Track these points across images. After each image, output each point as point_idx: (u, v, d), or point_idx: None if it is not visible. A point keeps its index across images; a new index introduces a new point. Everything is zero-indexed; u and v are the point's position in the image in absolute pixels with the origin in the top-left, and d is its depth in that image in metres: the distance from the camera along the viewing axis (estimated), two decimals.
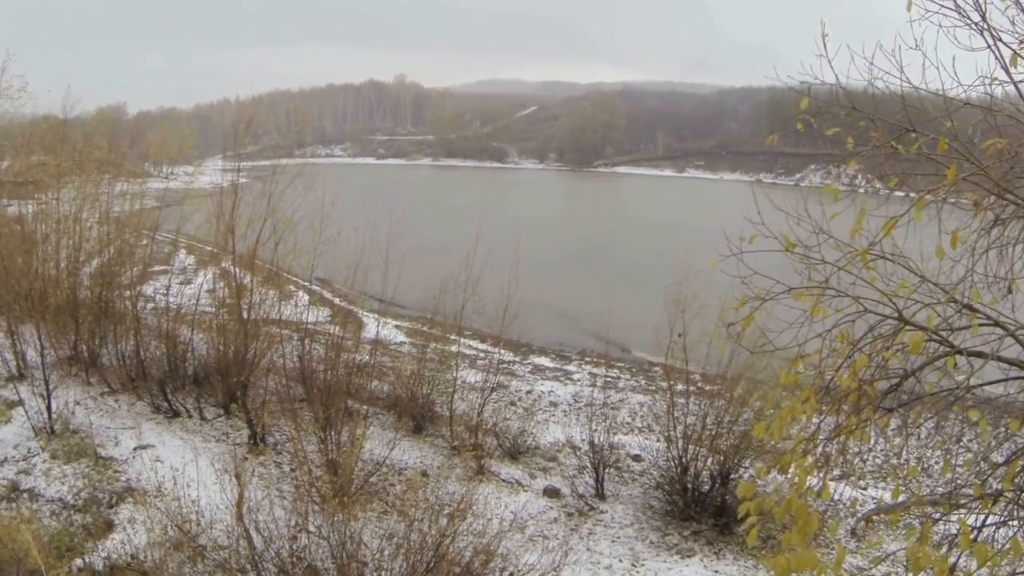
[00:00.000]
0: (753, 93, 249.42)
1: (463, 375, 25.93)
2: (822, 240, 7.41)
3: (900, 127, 7.06)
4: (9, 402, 22.05)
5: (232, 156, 28.35)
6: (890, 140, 7.08)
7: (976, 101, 7.40)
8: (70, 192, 28.89)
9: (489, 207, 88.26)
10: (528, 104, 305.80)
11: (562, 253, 71.94)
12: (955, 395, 7.04)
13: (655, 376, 33.33)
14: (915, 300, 7.09)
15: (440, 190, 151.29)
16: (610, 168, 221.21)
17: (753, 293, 7.37)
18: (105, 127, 37.65)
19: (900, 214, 6.54)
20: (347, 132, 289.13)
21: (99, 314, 25.81)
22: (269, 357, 23.86)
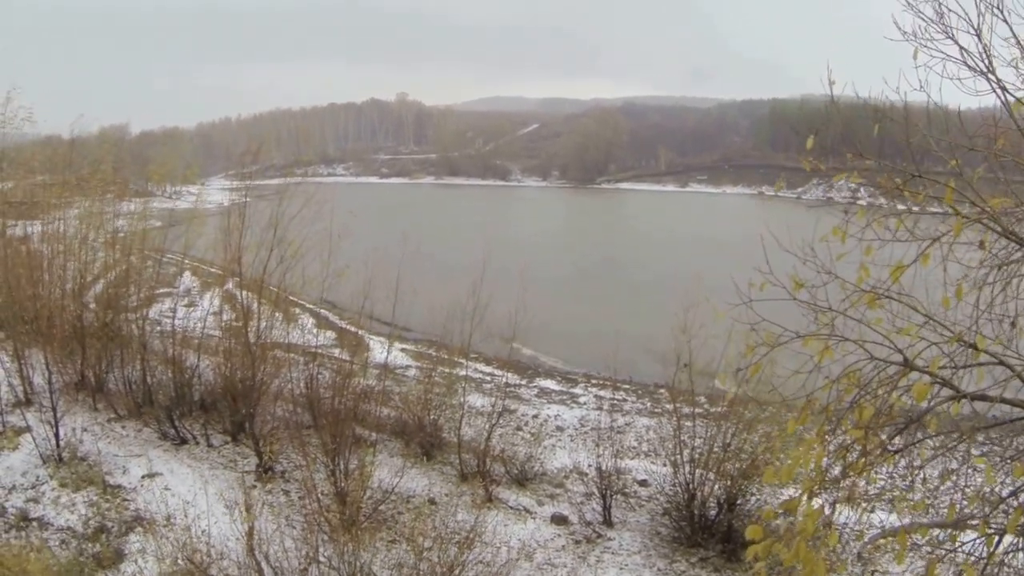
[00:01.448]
0: (755, 106, 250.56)
1: (470, 399, 25.88)
2: (828, 281, 7.48)
3: (907, 173, 7.13)
4: (17, 428, 22.02)
5: (235, 175, 28.39)
6: (897, 185, 7.16)
7: (980, 143, 7.49)
8: (75, 213, 29.01)
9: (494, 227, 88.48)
10: (530, 121, 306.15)
11: (566, 273, 71.75)
12: (960, 437, 7.12)
13: (661, 399, 33.25)
14: (921, 338, 7.16)
15: (445, 210, 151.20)
16: (613, 185, 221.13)
17: (761, 338, 7.45)
18: (109, 148, 37.59)
19: (907, 264, 6.63)
20: (349, 151, 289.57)
21: (105, 339, 25.82)
22: (276, 383, 23.90)
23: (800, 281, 7.38)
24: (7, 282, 26.95)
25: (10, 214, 30.86)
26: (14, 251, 28.76)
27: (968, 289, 7.28)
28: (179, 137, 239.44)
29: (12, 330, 25.34)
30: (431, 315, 26.10)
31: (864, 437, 6.53)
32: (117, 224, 29.16)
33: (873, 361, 7.05)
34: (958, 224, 6.37)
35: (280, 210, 23.51)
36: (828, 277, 7.49)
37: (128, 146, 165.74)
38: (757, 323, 7.58)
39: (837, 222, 7.22)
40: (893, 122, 7.67)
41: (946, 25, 7.32)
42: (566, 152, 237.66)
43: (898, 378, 6.88)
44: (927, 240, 6.93)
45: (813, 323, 7.44)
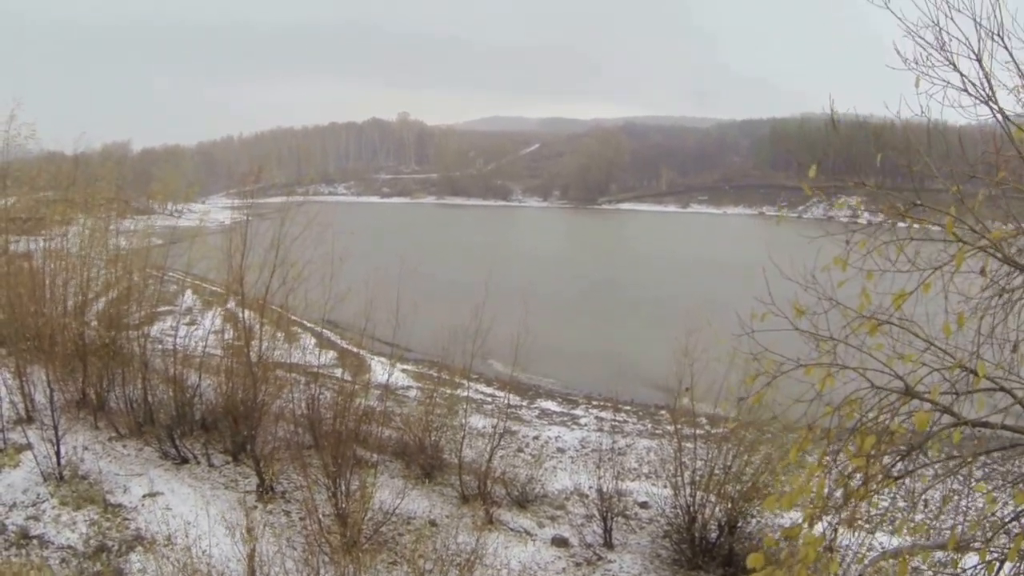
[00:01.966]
0: (754, 125, 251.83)
1: (471, 421, 25.86)
2: (829, 308, 7.52)
3: (908, 201, 7.18)
4: (18, 446, 21.97)
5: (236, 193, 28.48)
6: (899, 211, 7.20)
7: (981, 169, 7.55)
8: (77, 229, 29.08)
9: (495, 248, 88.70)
10: (531, 141, 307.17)
11: (567, 294, 71.88)
12: (962, 462, 7.15)
13: (662, 420, 33.26)
14: (923, 364, 7.20)
15: (446, 230, 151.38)
16: (614, 205, 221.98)
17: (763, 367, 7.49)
18: (112, 166, 37.73)
19: (908, 292, 6.68)
20: (350, 170, 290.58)
21: (107, 357, 25.84)
22: (278, 403, 23.93)
23: (801, 308, 7.43)
24: (9, 299, 27.00)
25: (13, 230, 30.94)
26: (17, 268, 28.84)
27: (969, 315, 7.32)
28: (180, 155, 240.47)
29: (14, 347, 25.34)
30: (433, 336, 26.15)
31: (865, 465, 6.56)
32: (119, 242, 29.22)
33: (874, 389, 7.09)
34: (959, 255, 6.42)
35: (282, 232, 23.57)
36: (829, 304, 7.53)
37: (130, 163, 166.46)
38: (759, 352, 7.63)
39: (839, 250, 7.27)
40: (894, 151, 7.74)
41: (947, 51, 7.38)
42: (568, 172, 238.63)
43: (899, 405, 6.91)
44: (928, 269, 6.98)
45: (815, 350, 7.48)
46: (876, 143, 7.63)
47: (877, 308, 7.17)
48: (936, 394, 6.77)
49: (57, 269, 28.45)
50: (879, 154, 7.63)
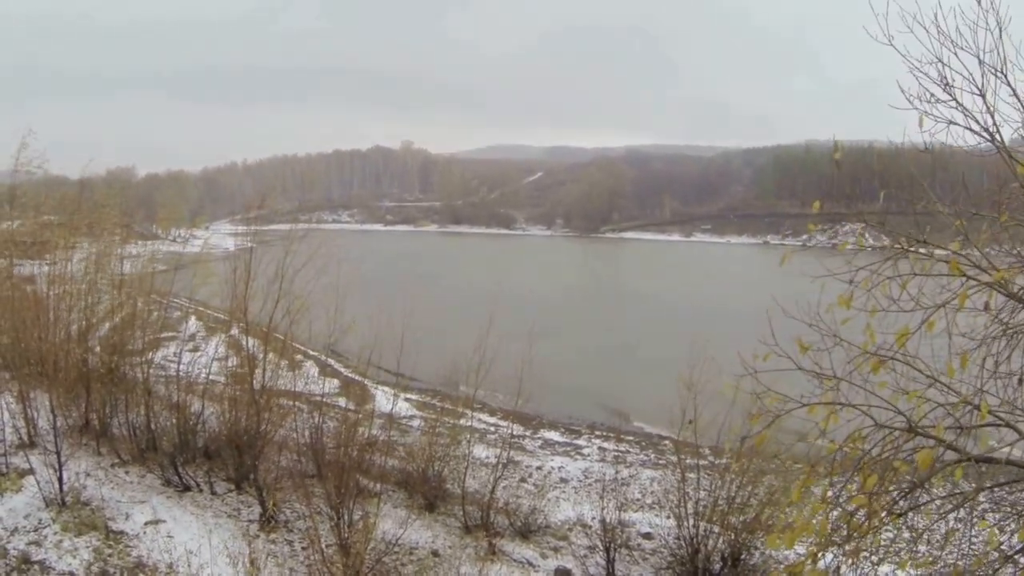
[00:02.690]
0: (758, 154, 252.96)
1: (474, 451, 25.80)
2: (833, 345, 7.56)
3: (913, 237, 7.23)
4: (20, 470, 21.89)
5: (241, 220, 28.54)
6: (902, 247, 7.25)
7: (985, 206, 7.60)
8: (81, 254, 29.16)
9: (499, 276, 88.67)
10: (535, 170, 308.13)
11: (571, 324, 71.86)
12: (965, 498, 7.17)
13: (665, 450, 33.26)
14: (927, 399, 7.23)
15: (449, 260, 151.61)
16: (617, 234, 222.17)
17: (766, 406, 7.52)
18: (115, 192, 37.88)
19: (912, 330, 6.72)
20: (354, 198, 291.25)
21: (110, 383, 25.84)
22: (281, 432, 23.91)
23: (806, 345, 7.46)
24: (13, 324, 27.05)
25: (18, 254, 31.07)
26: (20, 292, 28.92)
27: (973, 351, 7.35)
28: (184, 181, 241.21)
29: (17, 371, 25.35)
30: (436, 365, 26.22)
31: (868, 503, 6.59)
32: (123, 267, 29.31)
33: (878, 427, 7.12)
34: (963, 293, 6.47)
35: (286, 263, 23.59)
36: (833, 341, 7.56)
37: (134, 188, 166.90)
38: (762, 392, 7.66)
39: (843, 284, 7.31)
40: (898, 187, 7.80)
41: (949, 84, 7.45)
42: (570, 201, 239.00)
43: (902, 442, 6.94)
44: (932, 307, 7.02)
45: (818, 387, 7.51)
46: (880, 179, 7.68)
47: (881, 343, 7.21)
48: (940, 431, 6.79)
49: (61, 294, 28.51)
50: (882, 191, 7.68)
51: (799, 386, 7.64)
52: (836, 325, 7.56)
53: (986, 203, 7.64)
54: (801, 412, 7.39)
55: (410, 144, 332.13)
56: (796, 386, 7.69)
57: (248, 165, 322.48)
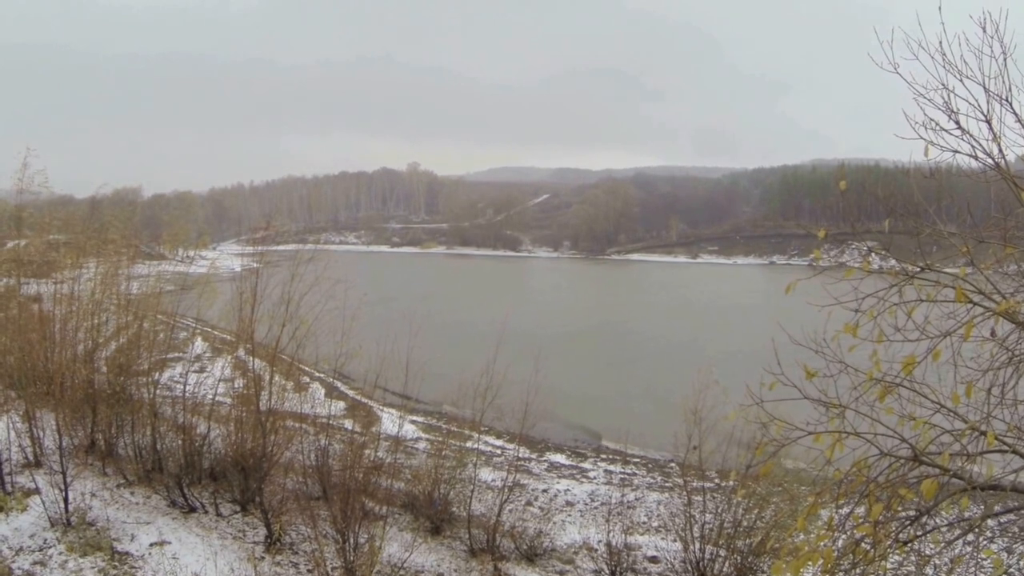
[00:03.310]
0: (765, 174, 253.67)
1: (480, 474, 25.74)
2: (839, 371, 7.56)
3: (918, 266, 7.24)
4: (26, 490, 21.94)
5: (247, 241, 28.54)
6: (908, 274, 7.26)
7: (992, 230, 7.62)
8: (88, 274, 29.25)
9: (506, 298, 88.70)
10: (541, 192, 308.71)
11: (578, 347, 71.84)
12: (971, 527, 7.15)
13: (671, 472, 33.17)
14: (933, 425, 7.22)
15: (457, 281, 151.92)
16: (624, 255, 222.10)
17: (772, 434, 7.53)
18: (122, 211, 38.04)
19: (919, 359, 6.72)
20: (361, 220, 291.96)
21: (116, 403, 25.85)
22: (287, 454, 23.88)
23: (812, 372, 7.47)
24: (19, 343, 27.11)
25: (24, 272, 31.19)
26: (27, 312, 29.01)
27: (979, 378, 7.35)
28: (191, 201, 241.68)
29: (23, 391, 25.39)
30: (443, 388, 26.19)
31: (873, 531, 6.58)
32: (130, 287, 29.40)
33: (883, 456, 7.11)
34: (969, 323, 6.48)
35: (292, 287, 23.60)
36: (839, 367, 7.57)
37: (141, 208, 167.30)
38: (767, 420, 7.66)
39: (848, 314, 7.32)
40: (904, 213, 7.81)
41: (955, 111, 7.47)
42: (577, 222, 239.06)
43: (908, 471, 6.94)
44: (939, 336, 7.03)
45: (824, 415, 7.51)
46: (885, 206, 7.68)
47: (887, 370, 7.21)
48: (945, 459, 6.79)
49: (68, 314, 28.60)
50: (888, 219, 7.70)
51: (805, 412, 7.65)
52: (842, 351, 7.56)
53: (992, 229, 7.66)
54: (807, 438, 7.39)
55: (416, 166, 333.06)
56: (802, 411, 7.69)
57: (255, 186, 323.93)
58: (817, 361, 7.73)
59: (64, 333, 28.26)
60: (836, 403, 7.42)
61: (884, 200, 7.72)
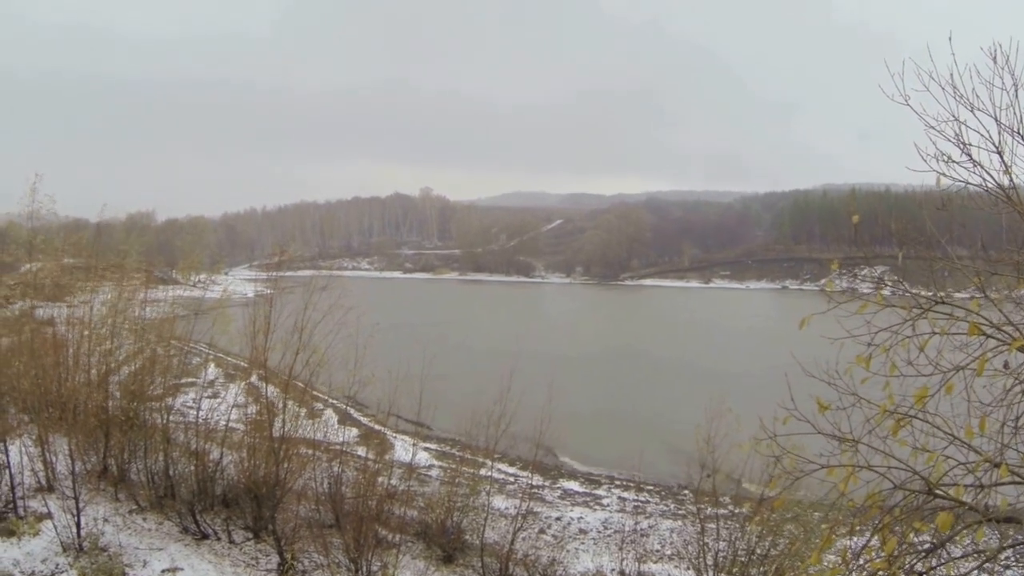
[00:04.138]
0: (776, 198, 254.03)
1: (493, 501, 25.64)
2: (852, 404, 7.55)
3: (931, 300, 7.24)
4: (38, 514, 21.97)
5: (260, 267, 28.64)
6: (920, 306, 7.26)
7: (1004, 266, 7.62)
8: (101, 298, 29.36)
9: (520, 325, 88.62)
10: (554, 217, 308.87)
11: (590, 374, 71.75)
12: (986, 559, 7.12)
13: (685, 500, 33.06)
14: (947, 457, 7.20)
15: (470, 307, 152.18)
16: (636, 281, 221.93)
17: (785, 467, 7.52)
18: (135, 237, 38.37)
19: (932, 392, 6.71)
20: (374, 245, 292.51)
21: (129, 429, 25.87)
22: (300, 482, 23.86)
23: (825, 404, 7.46)
24: (33, 368, 27.21)
25: (38, 295, 31.37)
26: (40, 336, 29.12)
27: (994, 409, 7.32)
28: (204, 226, 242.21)
29: (37, 415, 25.47)
30: (456, 415, 26.14)
31: (888, 566, 6.56)
32: (143, 312, 29.51)
33: (897, 489, 7.10)
34: (982, 360, 6.47)
35: (305, 316, 23.62)
36: (852, 399, 7.56)
37: (153, 233, 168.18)
38: (781, 453, 7.66)
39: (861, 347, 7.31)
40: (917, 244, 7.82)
41: (966, 143, 7.48)
42: (590, 248, 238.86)
43: (922, 503, 6.92)
44: (952, 370, 7.02)
45: (837, 447, 7.49)
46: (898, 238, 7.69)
47: (900, 402, 7.20)
48: (959, 492, 6.77)
49: (81, 338, 28.70)
50: (900, 251, 7.71)
51: (818, 443, 7.64)
52: (854, 383, 7.55)
53: (1004, 260, 7.66)
54: (820, 471, 7.38)
55: (429, 191, 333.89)
56: (815, 442, 7.69)
57: (267, 211, 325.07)
58: (830, 391, 7.72)
59: (78, 358, 28.37)
60: (849, 438, 7.41)
61: (897, 234, 7.73)
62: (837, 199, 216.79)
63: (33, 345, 28.17)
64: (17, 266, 38.79)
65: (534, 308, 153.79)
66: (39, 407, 25.71)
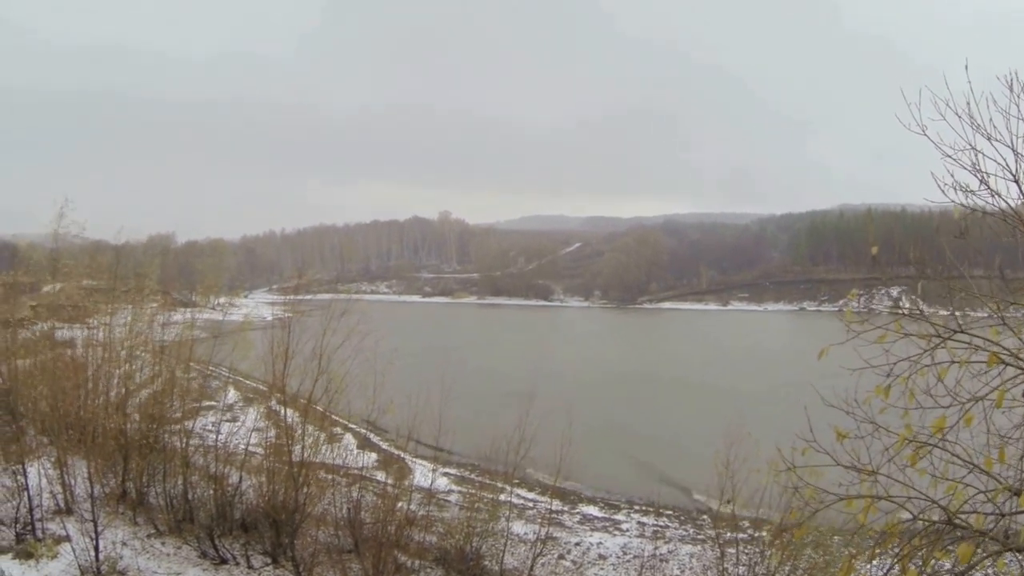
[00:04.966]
0: (793, 220, 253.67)
1: (512, 526, 25.56)
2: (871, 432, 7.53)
3: (950, 329, 7.22)
4: (56, 537, 21.98)
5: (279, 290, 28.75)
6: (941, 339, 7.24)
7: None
8: (121, 320, 29.50)
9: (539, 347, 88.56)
10: (572, 240, 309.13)
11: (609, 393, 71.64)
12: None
13: (704, 524, 32.92)
14: (966, 485, 7.17)
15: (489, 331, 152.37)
16: (655, 304, 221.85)
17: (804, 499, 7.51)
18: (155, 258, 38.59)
19: (951, 423, 6.70)
20: (392, 269, 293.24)
21: (148, 451, 25.93)
22: (319, 506, 23.83)
23: (843, 433, 7.45)
24: (52, 390, 27.34)
25: (59, 316, 31.59)
26: (60, 358, 29.28)
27: (1013, 438, 7.30)
28: (223, 248, 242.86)
29: (56, 437, 25.56)
30: (476, 440, 26.12)
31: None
32: (163, 334, 29.65)
33: (916, 520, 7.07)
34: (1001, 393, 6.46)
35: (324, 341, 23.63)
36: (870, 428, 7.54)
37: (173, 255, 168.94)
38: (800, 485, 7.64)
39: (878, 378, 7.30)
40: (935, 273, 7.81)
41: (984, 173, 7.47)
42: (608, 271, 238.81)
43: (942, 533, 6.89)
44: (970, 399, 7.00)
45: (856, 477, 7.47)
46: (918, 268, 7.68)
47: (919, 431, 7.18)
48: (979, 522, 6.73)
49: (101, 360, 28.83)
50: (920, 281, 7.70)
51: (836, 471, 7.63)
52: (872, 411, 7.54)
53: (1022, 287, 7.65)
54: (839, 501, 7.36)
55: (448, 215, 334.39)
56: (833, 470, 7.68)
57: (287, 234, 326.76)
58: (848, 420, 7.71)
59: (97, 380, 28.48)
60: (868, 469, 7.39)
61: (915, 261, 7.72)
62: (853, 220, 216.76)
63: (53, 367, 28.33)
64: (38, 287, 39.11)
65: (553, 332, 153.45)
66: (58, 429, 25.78)
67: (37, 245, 33.36)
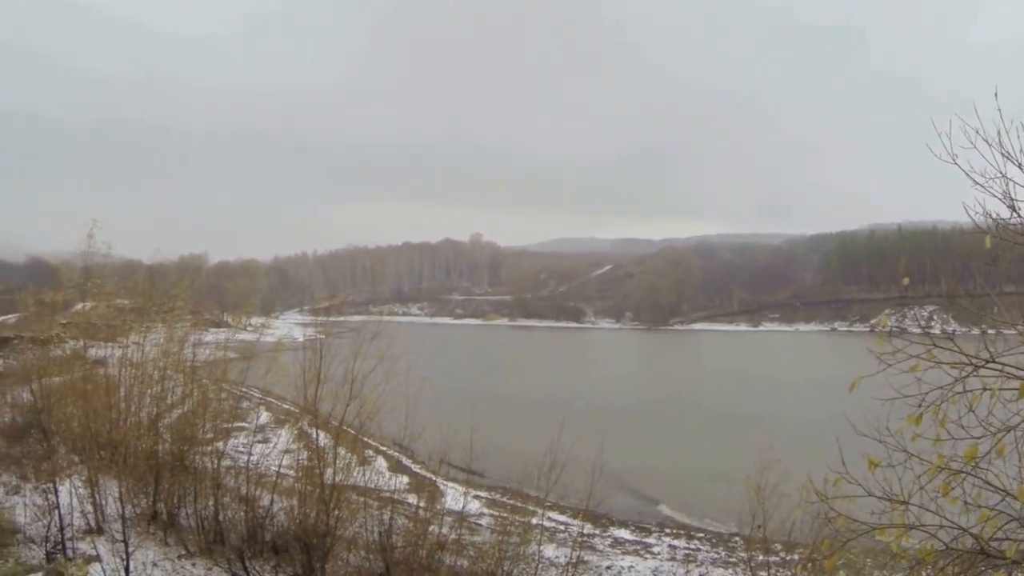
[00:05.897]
0: (824, 240, 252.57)
1: (543, 550, 25.45)
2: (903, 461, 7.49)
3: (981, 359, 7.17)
4: (87, 556, 21.98)
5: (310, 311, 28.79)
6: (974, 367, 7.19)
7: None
8: (153, 340, 29.70)
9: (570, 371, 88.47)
10: (603, 262, 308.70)
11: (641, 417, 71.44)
12: None
13: (735, 547, 32.70)
14: (999, 512, 7.10)
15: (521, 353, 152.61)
16: (686, 325, 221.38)
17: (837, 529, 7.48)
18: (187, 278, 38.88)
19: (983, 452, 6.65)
20: (424, 291, 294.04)
21: (179, 472, 26.03)
22: (350, 530, 23.81)
23: (875, 461, 7.42)
24: (84, 409, 27.53)
25: (92, 335, 31.84)
26: (92, 378, 29.48)
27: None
28: (255, 269, 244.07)
29: (87, 457, 25.70)
30: (508, 463, 26.08)
31: None
32: (194, 354, 29.82)
33: (948, 550, 7.02)
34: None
35: (356, 365, 23.64)
36: (903, 456, 7.50)
37: (205, 275, 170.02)
38: (832, 515, 7.62)
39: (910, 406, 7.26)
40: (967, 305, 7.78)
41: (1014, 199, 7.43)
42: (639, 293, 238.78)
43: (975, 562, 6.83)
44: (1003, 429, 6.95)
45: (887, 505, 7.44)
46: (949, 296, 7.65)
47: (951, 458, 7.13)
48: (1012, 552, 6.67)
49: (132, 379, 29.02)
50: (952, 312, 7.68)
51: (868, 500, 7.60)
52: (904, 440, 7.50)
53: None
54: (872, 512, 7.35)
55: (479, 237, 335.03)
56: (865, 499, 7.65)
57: (318, 256, 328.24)
58: (880, 448, 7.67)
59: (129, 400, 28.65)
60: (899, 499, 7.34)
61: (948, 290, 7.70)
62: (884, 239, 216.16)
63: (85, 386, 28.55)
64: (71, 305, 39.47)
65: (584, 354, 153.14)
66: (90, 449, 25.95)
67: (69, 263, 33.61)
